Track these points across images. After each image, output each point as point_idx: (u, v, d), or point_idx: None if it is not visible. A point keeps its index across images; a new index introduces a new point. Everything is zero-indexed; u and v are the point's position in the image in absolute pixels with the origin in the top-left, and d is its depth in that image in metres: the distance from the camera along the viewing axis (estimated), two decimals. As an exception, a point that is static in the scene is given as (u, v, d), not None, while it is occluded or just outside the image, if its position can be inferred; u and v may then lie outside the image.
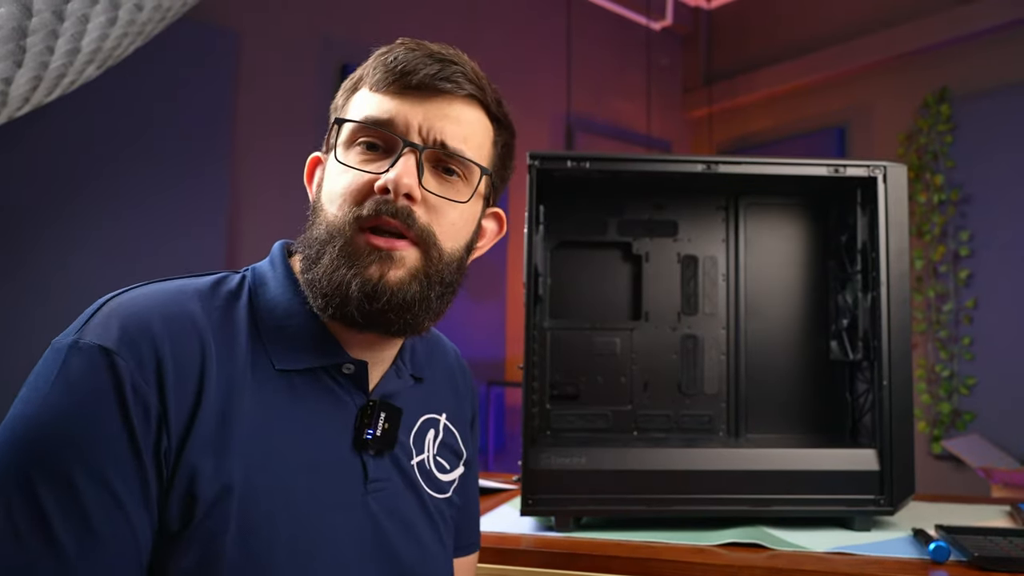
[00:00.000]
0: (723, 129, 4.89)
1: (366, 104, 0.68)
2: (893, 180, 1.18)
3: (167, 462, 0.58)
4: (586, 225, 1.34)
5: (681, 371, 1.33)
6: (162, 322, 0.61)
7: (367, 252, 0.65)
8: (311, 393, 0.67)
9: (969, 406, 3.62)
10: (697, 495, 1.12)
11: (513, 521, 1.17)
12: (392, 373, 0.75)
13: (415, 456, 0.76)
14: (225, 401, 0.62)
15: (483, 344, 3.92)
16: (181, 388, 0.59)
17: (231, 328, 0.65)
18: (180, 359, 0.60)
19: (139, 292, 0.64)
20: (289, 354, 0.67)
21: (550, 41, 4.31)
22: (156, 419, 0.58)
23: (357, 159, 0.68)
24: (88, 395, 0.57)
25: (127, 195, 2.67)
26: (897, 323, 1.16)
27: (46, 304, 2.43)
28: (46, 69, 1.45)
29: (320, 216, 0.68)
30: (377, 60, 0.70)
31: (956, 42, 3.77)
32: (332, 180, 0.68)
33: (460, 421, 0.84)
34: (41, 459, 0.55)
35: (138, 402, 0.57)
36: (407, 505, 0.73)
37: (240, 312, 0.67)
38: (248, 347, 0.65)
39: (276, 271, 0.71)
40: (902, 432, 1.14)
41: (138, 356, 0.58)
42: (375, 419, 0.70)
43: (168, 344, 0.60)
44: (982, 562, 0.92)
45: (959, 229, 3.67)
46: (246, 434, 0.62)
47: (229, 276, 0.71)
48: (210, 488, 0.59)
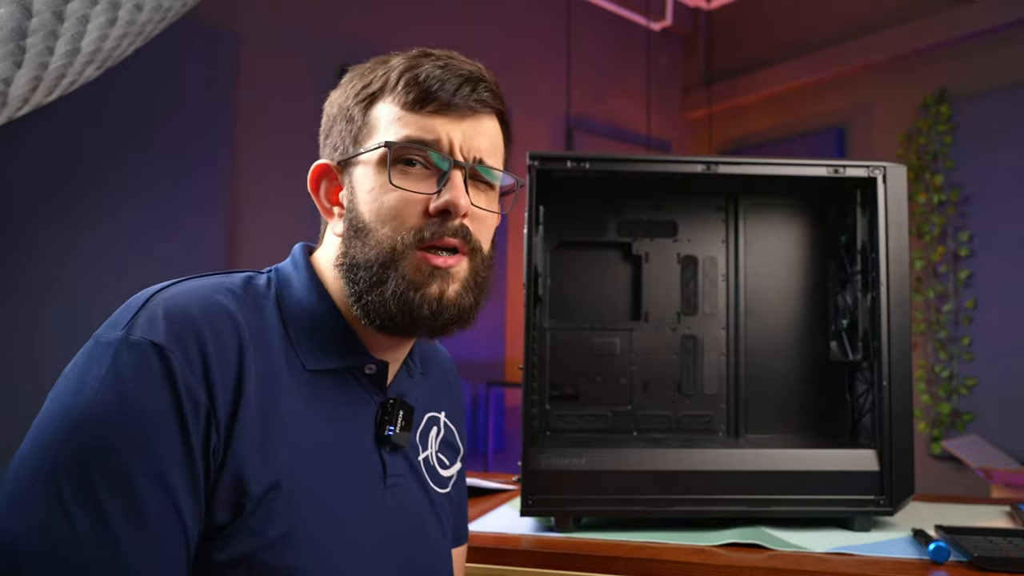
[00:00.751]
0: (723, 129, 4.90)
1: (405, 124, 0.70)
2: (893, 180, 1.18)
3: (215, 457, 0.60)
4: (586, 225, 1.34)
5: (681, 371, 1.33)
6: (205, 319, 0.62)
7: (428, 272, 0.69)
8: (337, 392, 0.70)
9: (969, 406, 3.62)
10: (697, 495, 1.12)
11: (513, 521, 1.17)
12: (404, 372, 0.78)
13: (421, 452, 0.79)
14: (264, 397, 0.64)
15: (483, 344, 3.92)
16: (225, 384, 0.61)
17: (264, 326, 0.67)
18: (223, 355, 0.62)
19: (181, 288, 0.65)
20: (318, 355, 0.70)
21: (550, 41, 4.31)
22: (205, 414, 0.60)
23: (401, 178, 0.69)
24: (143, 390, 0.58)
25: (127, 195, 2.67)
26: (897, 323, 1.16)
27: (46, 304, 2.42)
28: (46, 70, 1.45)
29: (372, 236, 0.69)
30: (407, 77, 0.70)
31: (956, 42, 3.77)
32: (379, 199, 0.69)
33: (456, 419, 0.88)
34: (97, 453, 0.56)
35: (189, 398, 0.59)
36: (417, 500, 0.76)
37: (270, 312, 0.69)
38: (280, 344, 0.68)
39: (300, 273, 0.73)
40: (902, 432, 1.14)
41: (187, 352, 0.60)
42: (395, 416, 0.73)
43: (212, 340, 0.62)
44: (982, 562, 0.92)
45: (959, 230, 3.68)
46: (285, 430, 0.64)
47: (256, 276, 0.73)
48: (258, 483, 0.61)
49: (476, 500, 1.34)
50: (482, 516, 1.21)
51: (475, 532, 1.11)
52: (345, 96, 0.74)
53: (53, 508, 0.54)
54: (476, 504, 1.31)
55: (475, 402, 3.89)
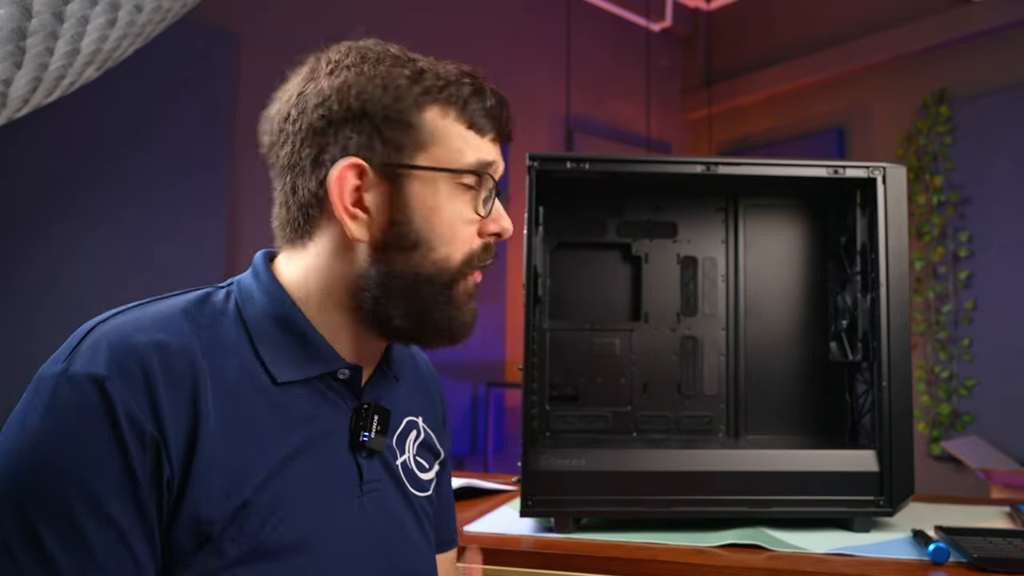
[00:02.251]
0: (722, 130, 4.90)
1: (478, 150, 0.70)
2: (892, 181, 1.18)
3: (170, 489, 0.58)
4: (585, 226, 1.34)
5: (680, 372, 1.33)
6: (152, 346, 0.59)
7: (471, 290, 0.71)
8: (308, 401, 0.68)
9: (968, 407, 3.62)
10: (697, 496, 1.12)
11: (513, 522, 1.17)
12: (379, 375, 0.76)
13: (399, 456, 0.77)
14: (225, 419, 0.61)
15: (482, 345, 3.91)
16: (177, 413, 0.58)
17: (222, 345, 0.64)
18: (173, 383, 0.59)
19: (126, 317, 0.62)
20: (287, 365, 0.67)
21: (550, 42, 4.31)
22: (153, 446, 0.57)
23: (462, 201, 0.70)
24: (81, 426, 0.55)
25: (127, 196, 2.67)
26: (896, 324, 1.16)
27: (46, 305, 2.42)
28: (45, 70, 1.46)
29: (430, 255, 0.68)
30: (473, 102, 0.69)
31: (955, 43, 3.77)
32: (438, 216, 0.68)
33: (434, 422, 0.86)
34: (38, 495, 0.54)
35: (133, 430, 0.56)
36: (396, 504, 0.75)
37: (230, 328, 0.66)
38: (243, 361, 0.65)
39: (261, 283, 0.70)
40: (901, 433, 1.14)
41: (130, 383, 0.57)
42: (369, 421, 0.71)
43: (160, 369, 0.59)
44: (981, 563, 0.92)
45: (958, 230, 3.68)
46: (253, 449, 0.62)
47: (214, 292, 0.70)
48: (223, 508, 0.59)
49: (476, 501, 1.34)
50: (482, 517, 1.21)
51: (475, 532, 1.12)
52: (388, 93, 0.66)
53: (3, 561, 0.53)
54: (476, 504, 1.31)
55: (475, 402, 3.89)
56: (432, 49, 0.73)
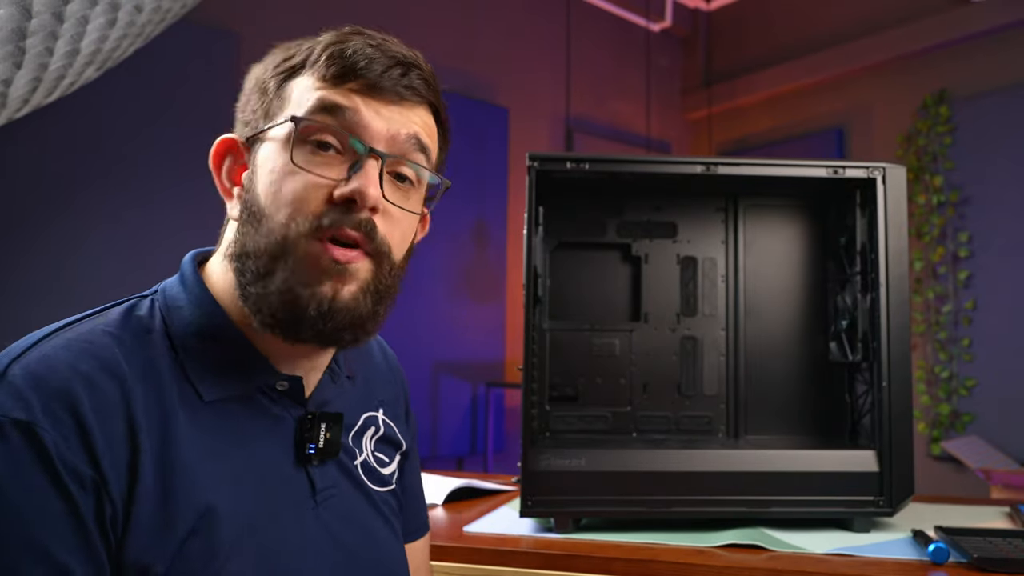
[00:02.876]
0: (722, 130, 4.90)
1: (322, 99, 0.62)
2: (892, 181, 1.18)
3: (115, 528, 0.54)
4: (585, 226, 1.34)
5: (680, 372, 1.33)
6: (80, 382, 0.55)
7: (323, 266, 0.60)
8: (246, 417, 0.63)
9: (968, 407, 3.63)
10: (696, 496, 1.12)
11: (512, 522, 1.17)
12: (327, 379, 0.71)
13: (358, 456, 0.74)
14: (161, 448, 0.57)
15: (482, 345, 3.92)
16: (112, 449, 0.54)
17: (151, 365, 0.59)
18: (105, 418, 0.55)
19: (43, 348, 0.57)
20: (216, 382, 0.62)
21: (550, 42, 4.31)
22: (93, 487, 0.53)
23: (308, 160, 0.61)
24: (15, 477, 0.51)
25: (127, 196, 2.67)
26: (896, 324, 1.16)
27: (46, 305, 2.42)
28: (45, 70, 1.46)
29: (264, 223, 0.61)
30: (331, 50, 0.63)
31: (955, 44, 3.77)
32: (277, 182, 0.61)
33: (395, 413, 0.82)
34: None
35: (70, 474, 0.52)
36: (357, 506, 0.72)
37: (156, 344, 0.61)
38: (172, 381, 0.60)
39: (188, 288, 0.65)
40: (901, 433, 1.14)
41: (60, 425, 0.53)
42: (315, 432, 0.67)
43: (89, 405, 0.54)
44: (981, 563, 0.92)
45: (958, 230, 3.68)
46: (189, 476, 0.58)
47: (137, 304, 0.64)
48: (166, 543, 0.55)
49: (476, 501, 1.34)
50: (481, 517, 1.21)
51: (475, 533, 1.11)
52: (264, 68, 0.66)
53: None
54: (476, 505, 1.31)
55: (475, 403, 3.89)
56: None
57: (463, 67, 3.87)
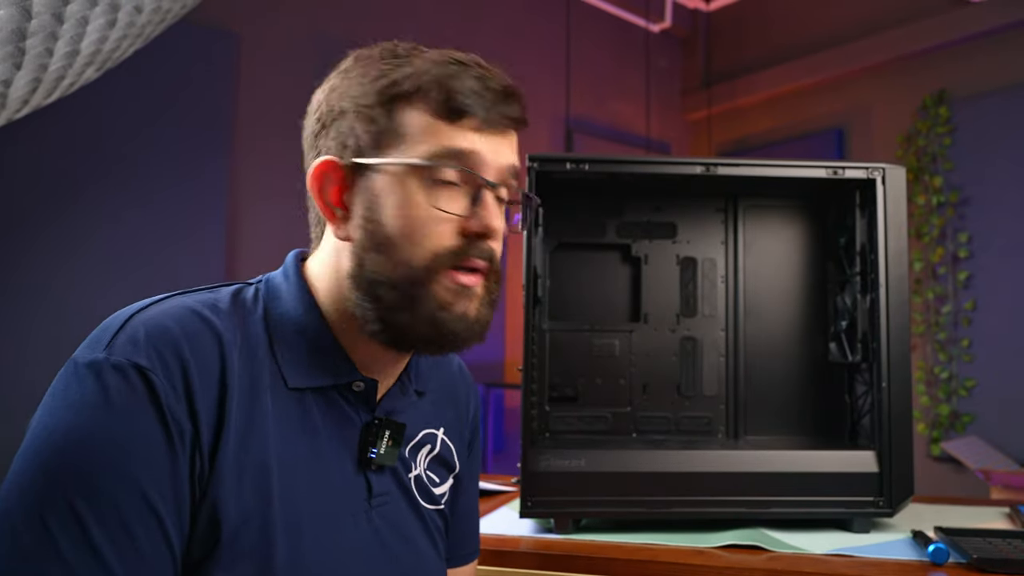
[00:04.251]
0: (722, 131, 4.90)
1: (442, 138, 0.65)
2: (892, 182, 1.18)
3: (200, 484, 0.58)
4: (585, 227, 1.34)
5: (680, 373, 1.33)
6: (187, 338, 0.60)
7: (455, 291, 0.66)
8: (320, 411, 0.67)
9: (968, 408, 3.63)
10: (696, 497, 1.12)
11: (512, 523, 1.17)
12: (397, 389, 0.75)
13: (413, 470, 0.76)
14: (246, 421, 0.61)
15: (482, 346, 3.90)
16: (208, 409, 0.59)
17: (250, 344, 0.64)
18: (205, 377, 0.59)
19: (163, 307, 0.62)
20: (303, 372, 0.67)
21: (549, 43, 4.31)
22: (190, 440, 0.58)
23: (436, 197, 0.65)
24: (129, 414, 0.56)
25: (127, 196, 2.67)
26: (896, 325, 1.16)
27: (46, 305, 2.42)
28: (45, 71, 1.46)
29: (396, 254, 0.65)
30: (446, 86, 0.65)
31: (954, 44, 3.77)
32: (407, 216, 0.65)
33: (457, 435, 0.84)
34: (83, 480, 0.54)
35: (174, 422, 0.57)
36: (406, 518, 0.74)
37: (256, 327, 0.66)
38: (264, 361, 0.65)
39: (290, 284, 0.70)
40: (901, 434, 1.14)
41: (170, 374, 0.58)
42: (379, 437, 0.70)
43: (194, 361, 0.59)
44: (981, 564, 0.92)
45: (958, 231, 3.68)
46: (264, 455, 0.62)
47: (244, 288, 0.70)
48: (235, 512, 0.59)
49: (475, 501, 1.34)
50: (481, 518, 1.21)
51: (474, 533, 1.11)
52: (362, 90, 0.67)
53: (43, 542, 0.52)
54: (475, 505, 1.31)
55: (474, 403, 3.88)
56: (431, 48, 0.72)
57: (463, 67, 3.87)
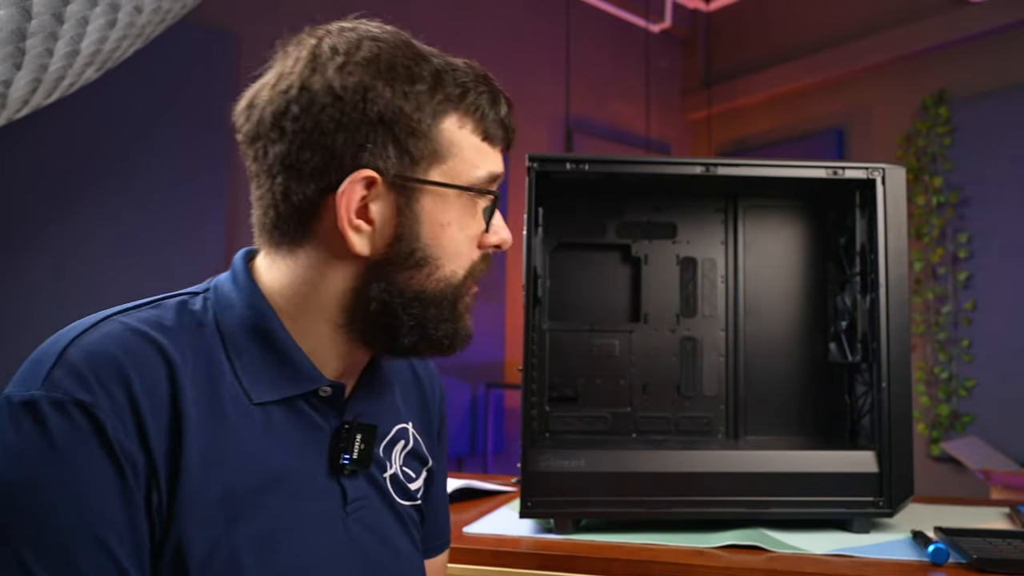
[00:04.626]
0: (722, 131, 4.90)
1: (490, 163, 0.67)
2: (892, 182, 1.18)
3: (160, 517, 0.55)
4: (585, 227, 1.34)
5: (680, 373, 1.33)
6: (135, 367, 0.55)
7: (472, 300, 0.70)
8: (286, 421, 0.64)
9: (968, 408, 3.63)
10: (696, 497, 1.12)
11: (512, 523, 1.17)
12: (364, 387, 0.72)
13: (388, 468, 0.74)
14: (207, 445, 0.58)
15: (482, 346, 3.91)
16: (160, 436, 0.55)
17: (202, 359, 0.60)
18: (156, 407, 0.56)
19: (102, 331, 0.57)
20: (266, 384, 0.63)
21: (549, 43, 4.31)
22: (145, 475, 0.54)
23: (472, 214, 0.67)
24: (73, 454, 0.52)
25: (127, 196, 2.67)
26: (896, 325, 1.16)
27: (46, 305, 2.42)
28: (45, 71, 1.46)
29: (437, 272, 0.65)
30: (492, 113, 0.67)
31: (954, 44, 3.77)
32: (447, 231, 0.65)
33: (425, 426, 0.82)
34: (30, 531, 0.51)
35: (126, 459, 0.53)
36: (384, 519, 0.72)
37: (209, 341, 0.62)
38: (221, 377, 0.61)
39: (241, 290, 0.65)
40: (901, 434, 1.14)
41: (118, 409, 0.54)
42: (351, 442, 0.67)
43: (144, 392, 0.55)
44: (981, 564, 0.92)
45: (958, 231, 3.68)
46: (231, 477, 0.58)
47: (190, 299, 0.65)
48: (202, 543, 0.56)
49: (475, 502, 1.34)
50: (481, 518, 1.21)
51: (474, 534, 1.12)
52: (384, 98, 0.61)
53: None
54: (475, 506, 1.31)
55: (474, 403, 3.89)
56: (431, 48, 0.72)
57: (463, 68, 3.87)
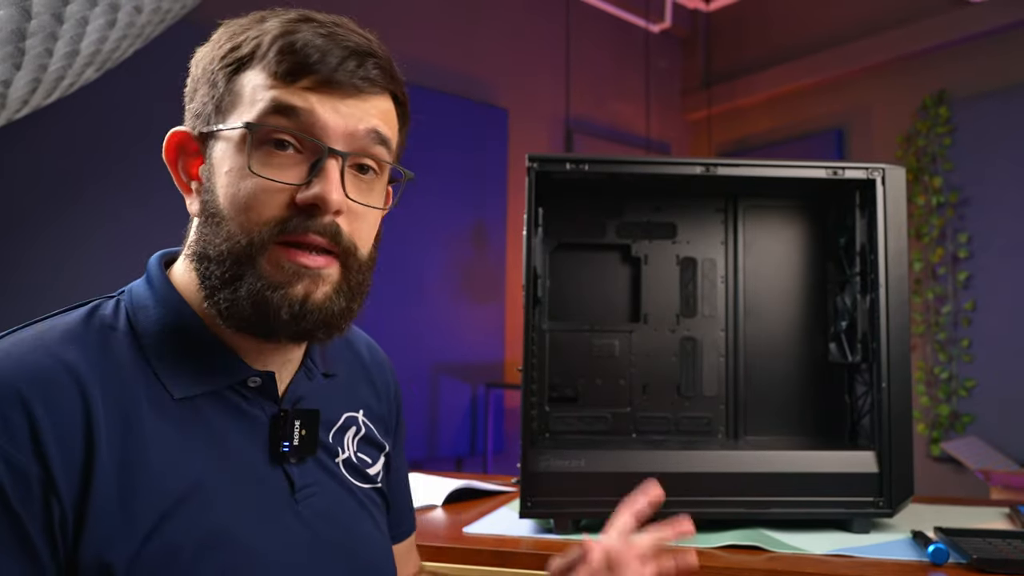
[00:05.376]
0: (722, 131, 4.90)
1: (274, 100, 0.59)
2: (891, 182, 1.18)
3: (63, 529, 0.53)
4: (585, 227, 1.34)
5: (680, 373, 1.33)
6: (29, 379, 0.54)
7: (292, 271, 0.60)
8: (217, 414, 0.62)
9: (968, 408, 3.63)
10: (696, 497, 1.12)
11: (512, 523, 1.17)
12: (302, 375, 0.70)
13: (341, 454, 0.72)
14: (123, 447, 0.56)
15: (482, 346, 3.91)
16: (65, 448, 0.53)
17: (113, 364, 0.58)
18: (58, 416, 0.53)
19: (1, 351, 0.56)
20: (186, 379, 0.61)
21: (550, 43, 4.31)
22: (41, 488, 0.52)
23: (266, 163, 0.60)
24: None
25: (127, 196, 2.67)
26: (896, 325, 1.16)
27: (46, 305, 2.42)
28: (45, 71, 1.46)
29: (223, 226, 0.60)
30: (280, 43, 0.60)
31: (954, 44, 3.77)
32: (235, 184, 0.60)
33: (378, 416, 0.80)
34: None
35: (14, 474, 0.51)
36: (339, 503, 0.70)
37: (120, 343, 0.60)
38: (137, 380, 0.59)
39: (155, 289, 0.64)
40: (901, 434, 1.14)
41: (6, 422, 0.52)
42: (289, 429, 0.65)
43: (40, 402, 0.53)
44: (981, 564, 0.92)
45: (957, 231, 3.68)
46: (155, 475, 0.56)
47: (102, 304, 0.64)
48: (125, 546, 0.54)
49: (475, 502, 1.34)
50: (481, 518, 1.21)
51: (474, 534, 1.12)
52: (211, 57, 0.63)
53: None
54: (475, 506, 1.31)
55: (474, 404, 3.89)
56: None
57: (463, 68, 3.87)
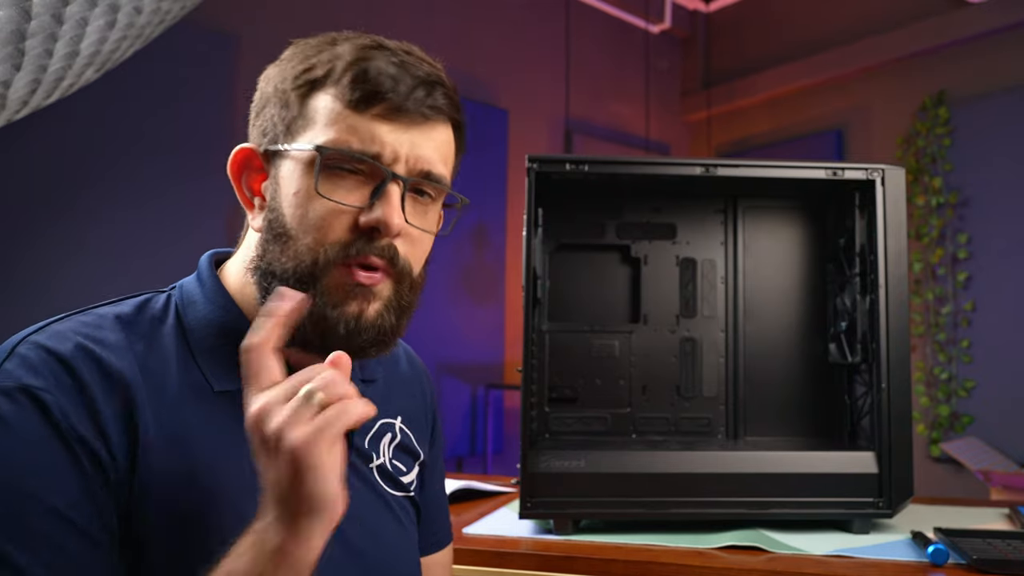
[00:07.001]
0: (722, 132, 4.90)
1: (346, 126, 0.62)
2: (891, 183, 1.18)
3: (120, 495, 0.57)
4: (585, 228, 1.34)
5: (680, 374, 1.33)
6: (84, 356, 0.58)
7: (349, 288, 0.63)
8: None
9: (968, 409, 3.63)
10: (696, 498, 1.12)
11: (512, 524, 1.17)
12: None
13: (375, 460, 0.74)
14: (166, 432, 0.59)
15: (482, 347, 3.91)
16: (115, 420, 0.57)
17: (159, 353, 0.62)
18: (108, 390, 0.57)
19: (54, 327, 0.60)
20: (228, 373, 0.63)
21: (549, 44, 4.31)
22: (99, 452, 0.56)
23: (333, 186, 0.63)
24: (22, 437, 0.54)
25: (127, 197, 2.67)
26: (895, 326, 1.16)
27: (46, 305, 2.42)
28: (45, 72, 1.46)
29: (290, 245, 0.63)
30: (354, 71, 0.63)
31: (954, 45, 3.78)
32: (303, 205, 0.63)
33: (416, 423, 0.82)
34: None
35: (75, 437, 0.55)
36: (370, 508, 0.71)
37: (167, 335, 0.64)
38: (181, 370, 0.62)
39: (205, 287, 0.68)
40: (901, 435, 1.14)
41: (66, 393, 0.56)
42: None
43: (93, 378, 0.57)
44: (981, 565, 0.92)
45: (957, 232, 3.68)
46: (194, 461, 0.59)
47: (154, 297, 0.67)
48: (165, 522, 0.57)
49: (475, 503, 1.34)
50: (481, 519, 1.21)
51: (474, 535, 1.11)
52: (283, 76, 0.66)
53: None
54: (475, 506, 1.31)
55: (474, 404, 3.89)
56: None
57: (463, 68, 3.87)
